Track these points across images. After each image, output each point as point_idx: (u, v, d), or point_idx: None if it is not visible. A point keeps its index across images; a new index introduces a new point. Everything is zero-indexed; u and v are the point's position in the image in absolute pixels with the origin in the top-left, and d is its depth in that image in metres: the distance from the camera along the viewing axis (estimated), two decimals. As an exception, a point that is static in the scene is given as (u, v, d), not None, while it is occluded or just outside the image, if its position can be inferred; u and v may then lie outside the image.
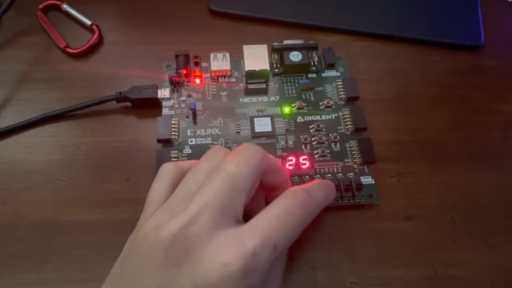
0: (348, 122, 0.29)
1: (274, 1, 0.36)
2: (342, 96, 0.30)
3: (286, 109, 0.30)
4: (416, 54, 0.35)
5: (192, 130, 0.29)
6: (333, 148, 0.28)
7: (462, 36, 0.35)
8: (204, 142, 0.28)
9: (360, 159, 0.28)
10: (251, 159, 0.20)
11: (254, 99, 0.30)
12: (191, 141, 0.28)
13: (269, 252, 0.18)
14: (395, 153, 0.30)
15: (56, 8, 0.35)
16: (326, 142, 0.29)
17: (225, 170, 0.19)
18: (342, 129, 0.29)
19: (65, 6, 0.35)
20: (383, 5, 0.37)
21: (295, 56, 0.30)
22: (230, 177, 0.19)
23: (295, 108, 0.30)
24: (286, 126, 0.29)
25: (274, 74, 0.31)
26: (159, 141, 0.28)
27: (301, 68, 0.31)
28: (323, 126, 0.29)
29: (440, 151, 0.30)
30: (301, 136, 0.29)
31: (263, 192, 0.23)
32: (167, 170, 0.22)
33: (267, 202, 0.23)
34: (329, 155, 0.28)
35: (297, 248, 0.26)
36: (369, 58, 0.35)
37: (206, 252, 0.17)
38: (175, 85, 0.30)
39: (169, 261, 0.17)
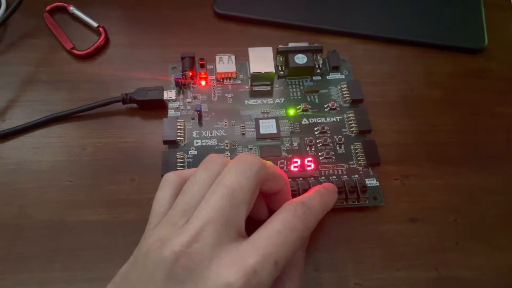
0: (353, 124, 0.29)
1: (279, 4, 0.36)
2: (347, 98, 0.30)
3: (291, 111, 0.30)
4: (420, 57, 0.35)
5: (197, 131, 0.29)
6: (338, 150, 0.29)
7: (466, 40, 0.36)
8: (209, 143, 0.28)
9: (364, 161, 0.28)
10: (249, 170, 0.20)
11: (259, 101, 0.30)
12: (197, 143, 0.28)
13: (270, 268, 0.18)
14: (399, 155, 0.30)
15: (63, 10, 0.35)
16: (331, 144, 0.29)
17: (224, 184, 0.19)
18: (346, 131, 0.29)
19: (72, 8, 0.35)
20: (387, 8, 0.37)
21: (300, 59, 0.31)
22: (229, 192, 0.19)
23: (300, 110, 0.30)
24: (291, 128, 0.29)
25: (279, 77, 0.32)
26: (165, 142, 0.28)
27: (306, 71, 0.31)
28: (328, 128, 0.29)
29: (444, 154, 0.30)
30: (306, 138, 0.29)
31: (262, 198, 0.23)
32: (170, 180, 0.22)
33: (268, 206, 0.24)
34: (333, 157, 0.28)
35: (301, 250, 0.26)
36: (373, 61, 0.35)
37: (209, 271, 0.17)
38: (181, 86, 0.30)
39: (171, 279, 0.17)
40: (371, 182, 0.27)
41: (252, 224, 0.21)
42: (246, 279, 0.17)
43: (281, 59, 0.31)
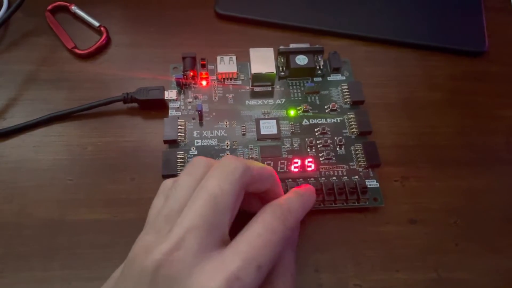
0: (353, 126, 0.29)
1: (280, 5, 0.36)
2: (347, 100, 0.30)
3: (292, 112, 0.30)
4: (420, 60, 0.35)
5: (198, 131, 0.29)
6: (338, 151, 0.29)
7: (466, 42, 0.36)
8: (210, 143, 0.28)
9: (365, 163, 0.28)
10: (231, 175, 0.19)
11: (260, 101, 0.31)
12: (197, 143, 0.28)
13: (253, 272, 0.17)
14: (399, 157, 0.30)
15: (65, 9, 0.36)
16: (331, 145, 0.29)
17: (206, 189, 0.19)
18: (347, 132, 0.29)
19: (74, 8, 0.35)
20: (388, 11, 0.37)
21: (301, 60, 0.31)
22: (211, 198, 0.19)
23: (301, 111, 0.30)
24: (292, 129, 0.29)
25: (280, 77, 0.32)
26: (165, 142, 0.28)
27: (307, 72, 0.31)
28: (328, 129, 0.29)
29: (444, 156, 0.30)
30: (306, 139, 0.29)
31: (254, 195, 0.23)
32: (167, 187, 0.22)
33: (261, 202, 0.23)
34: (334, 158, 0.28)
35: (300, 250, 0.26)
36: (374, 63, 0.35)
37: (191, 279, 0.17)
38: (182, 86, 0.30)
39: (153, 282, 0.17)
40: (371, 183, 0.27)
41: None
42: (229, 287, 0.17)
43: (282, 60, 0.31)
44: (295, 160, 0.27)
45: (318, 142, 0.29)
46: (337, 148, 0.29)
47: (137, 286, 0.17)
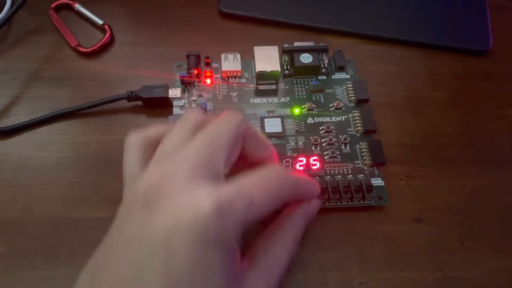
0: (358, 124, 0.29)
1: (284, 3, 0.36)
2: (352, 98, 0.30)
3: (296, 110, 0.30)
4: (425, 58, 0.35)
5: (202, 129, 0.29)
6: (343, 149, 0.29)
7: (471, 41, 0.36)
8: (214, 141, 0.28)
9: (370, 161, 0.28)
10: (229, 120, 0.20)
11: (264, 100, 0.30)
12: (202, 141, 0.28)
13: (245, 202, 0.18)
14: (404, 156, 0.30)
15: (68, 7, 0.36)
16: (336, 144, 0.29)
17: (204, 130, 0.20)
18: (352, 130, 0.29)
19: (77, 6, 0.35)
20: (392, 9, 0.37)
21: (306, 58, 0.31)
22: (208, 136, 0.19)
23: (305, 109, 0.30)
24: (296, 127, 0.29)
25: (284, 76, 0.32)
26: (170, 140, 0.28)
27: (311, 70, 0.31)
28: (333, 127, 0.29)
29: (448, 155, 0.30)
30: (311, 137, 0.29)
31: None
32: (134, 144, 0.21)
33: None
34: (339, 157, 0.28)
35: (305, 249, 0.26)
36: (378, 62, 0.35)
37: (180, 196, 0.17)
38: (186, 85, 0.30)
39: (144, 208, 0.17)
40: (377, 181, 0.27)
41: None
42: (219, 205, 0.17)
43: (287, 58, 0.31)
44: (300, 159, 0.27)
45: (323, 140, 0.29)
46: (342, 147, 0.29)
47: (130, 211, 0.18)
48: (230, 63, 0.31)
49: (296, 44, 0.31)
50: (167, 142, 0.20)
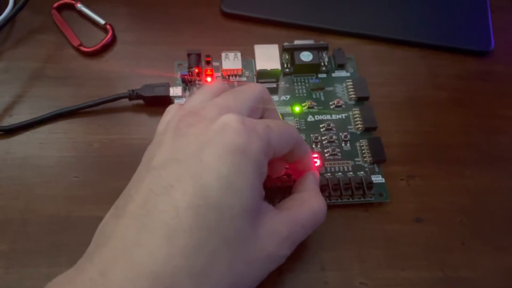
0: (358, 122, 0.29)
1: (286, 3, 0.36)
2: (352, 96, 0.31)
3: (297, 108, 0.30)
4: (426, 59, 0.35)
5: (203, 128, 0.29)
6: (344, 147, 0.29)
7: (472, 42, 0.36)
8: (215, 140, 0.28)
9: (370, 158, 0.28)
10: (253, 85, 0.23)
11: (265, 98, 0.31)
12: (203, 139, 0.28)
13: (264, 125, 0.19)
14: (404, 156, 0.30)
15: (70, 7, 0.36)
16: (337, 141, 0.29)
17: (231, 90, 0.22)
18: (352, 128, 0.30)
19: (79, 5, 0.35)
20: (393, 9, 0.37)
21: (306, 56, 0.31)
22: (233, 93, 0.21)
23: (306, 107, 0.30)
24: (297, 125, 0.29)
25: (285, 74, 0.32)
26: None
27: (312, 68, 0.31)
28: (334, 125, 0.29)
29: (449, 155, 0.30)
30: (311, 135, 0.29)
31: (283, 161, 0.24)
32: (174, 107, 0.23)
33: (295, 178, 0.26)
34: (339, 154, 0.28)
35: (306, 249, 0.26)
36: (379, 62, 0.35)
37: (210, 122, 0.19)
38: (187, 83, 0.30)
39: (176, 134, 0.19)
40: (377, 178, 0.27)
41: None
42: (244, 122, 0.19)
43: (287, 57, 0.32)
44: (301, 156, 0.27)
45: (323, 138, 0.29)
46: (343, 144, 0.29)
47: (161, 140, 0.20)
48: (231, 61, 0.31)
49: (297, 42, 0.31)
50: (194, 98, 0.22)
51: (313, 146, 0.29)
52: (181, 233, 0.16)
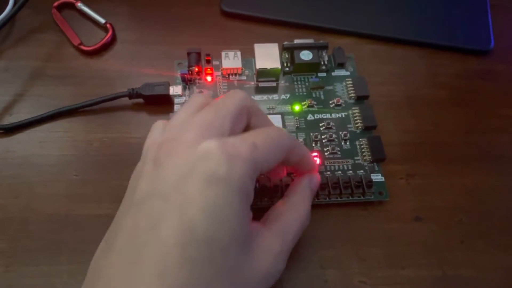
0: (358, 120, 0.29)
1: (286, 2, 0.36)
2: (352, 95, 0.31)
3: (297, 107, 0.30)
4: (426, 58, 0.35)
5: (203, 127, 0.29)
6: (343, 146, 0.29)
7: (472, 41, 0.35)
8: (215, 139, 0.28)
9: (370, 157, 0.28)
10: (235, 95, 0.21)
11: (264, 97, 0.31)
12: (202, 138, 0.28)
13: (248, 144, 0.18)
14: (404, 154, 0.30)
15: (71, 6, 0.36)
16: (336, 140, 0.29)
17: (212, 103, 0.21)
18: (352, 127, 0.30)
19: (79, 4, 0.35)
20: (393, 9, 0.37)
21: (306, 55, 0.31)
22: (214, 107, 0.20)
23: (306, 106, 0.30)
24: (297, 124, 0.29)
25: (285, 73, 0.32)
26: (170, 137, 0.28)
27: (312, 67, 0.31)
28: (333, 124, 0.29)
29: (449, 154, 0.30)
30: (311, 134, 0.29)
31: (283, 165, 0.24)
32: (158, 125, 0.23)
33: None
34: (339, 153, 0.28)
35: (306, 247, 0.26)
36: (379, 61, 0.35)
37: (188, 150, 0.18)
38: (187, 82, 0.31)
39: (155, 165, 0.19)
40: (377, 177, 0.28)
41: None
42: (225, 147, 0.18)
43: (287, 56, 0.32)
44: (300, 155, 0.27)
45: (323, 137, 0.29)
46: (342, 143, 0.29)
47: (142, 171, 0.19)
48: (231, 60, 0.31)
49: (296, 41, 0.31)
50: (175, 118, 0.21)
51: (313, 145, 0.29)
52: (172, 271, 0.16)
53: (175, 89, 0.30)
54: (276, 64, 0.30)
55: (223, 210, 0.17)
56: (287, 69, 0.32)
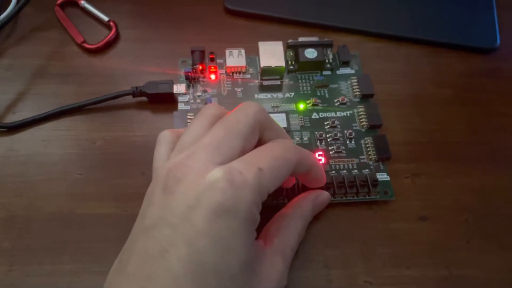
0: (363, 119, 0.29)
1: (290, 0, 0.36)
2: (357, 93, 0.30)
3: (301, 106, 0.30)
4: (431, 56, 0.35)
5: (207, 125, 0.29)
6: (348, 144, 0.29)
7: (477, 39, 0.35)
8: (219, 137, 0.28)
9: (375, 156, 0.28)
10: (247, 110, 0.21)
11: (269, 95, 0.30)
12: (206, 136, 0.28)
13: (254, 170, 0.19)
14: (409, 153, 0.30)
15: (74, 4, 0.36)
16: (341, 139, 0.29)
17: (222, 120, 0.21)
18: (357, 125, 0.29)
19: (83, 2, 0.35)
20: (398, 7, 0.37)
21: (310, 53, 0.31)
22: (225, 125, 0.20)
23: (310, 104, 0.30)
24: (301, 123, 0.29)
25: (289, 71, 0.32)
26: (175, 135, 0.28)
27: (316, 65, 0.31)
28: (338, 122, 0.29)
29: (454, 153, 0.30)
30: (316, 133, 0.29)
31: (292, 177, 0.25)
32: (165, 136, 0.23)
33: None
34: (344, 152, 0.28)
35: (310, 246, 0.26)
36: (384, 59, 0.35)
37: (196, 178, 0.18)
38: (191, 80, 0.30)
39: (164, 193, 0.19)
40: (382, 176, 0.27)
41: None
42: (230, 177, 0.18)
43: (291, 54, 0.31)
44: (306, 154, 0.27)
45: (328, 135, 0.29)
46: (347, 142, 0.29)
47: (152, 197, 0.19)
48: (235, 58, 0.31)
49: (301, 39, 0.31)
50: (187, 134, 0.21)
51: (318, 143, 0.28)
52: None
53: (179, 87, 0.30)
54: (281, 62, 0.30)
55: (231, 240, 0.18)
56: (291, 67, 0.31)
